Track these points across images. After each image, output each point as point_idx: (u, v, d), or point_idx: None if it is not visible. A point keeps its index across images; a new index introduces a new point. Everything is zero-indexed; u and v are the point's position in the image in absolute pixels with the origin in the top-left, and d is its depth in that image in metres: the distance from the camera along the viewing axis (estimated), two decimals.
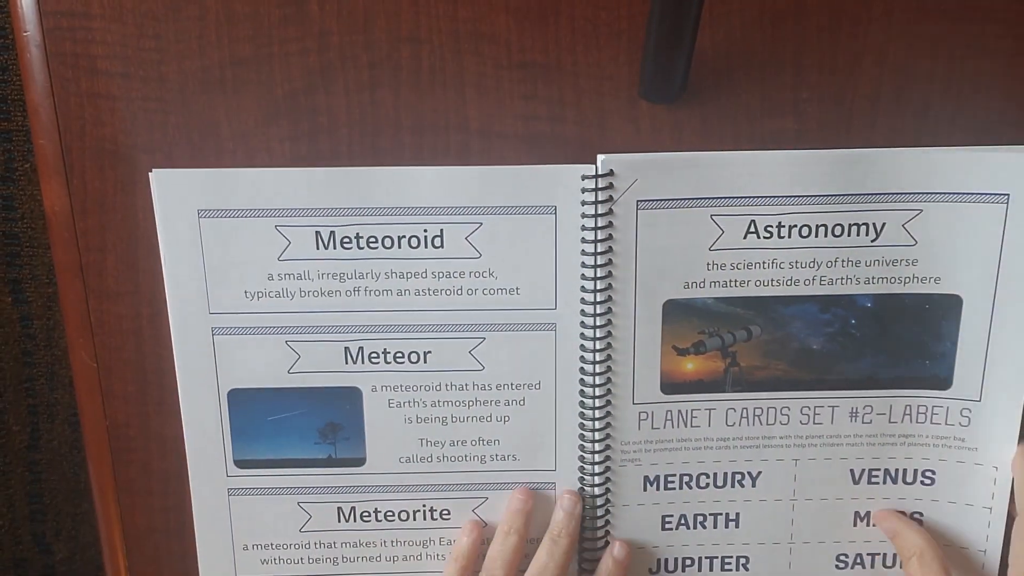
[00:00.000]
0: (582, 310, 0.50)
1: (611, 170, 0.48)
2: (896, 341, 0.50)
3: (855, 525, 0.53)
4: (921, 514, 0.53)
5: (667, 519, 0.53)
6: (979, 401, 0.51)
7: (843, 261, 0.49)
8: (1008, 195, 0.48)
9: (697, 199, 0.48)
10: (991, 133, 0.49)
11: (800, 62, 0.48)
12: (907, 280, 0.49)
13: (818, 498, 0.53)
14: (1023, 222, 0.48)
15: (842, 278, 0.49)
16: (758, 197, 0.48)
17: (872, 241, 0.49)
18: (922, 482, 0.52)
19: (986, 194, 0.48)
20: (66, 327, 0.51)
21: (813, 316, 0.50)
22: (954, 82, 0.49)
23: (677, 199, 0.48)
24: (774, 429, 0.52)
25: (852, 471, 0.52)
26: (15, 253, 0.78)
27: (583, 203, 0.48)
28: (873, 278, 0.49)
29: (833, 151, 0.48)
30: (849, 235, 0.49)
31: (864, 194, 0.48)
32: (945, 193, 0.48)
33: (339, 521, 0.53)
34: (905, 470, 0.52)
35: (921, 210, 0.48)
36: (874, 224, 0.48)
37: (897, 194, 0.48)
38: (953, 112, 0.49)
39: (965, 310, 0.50)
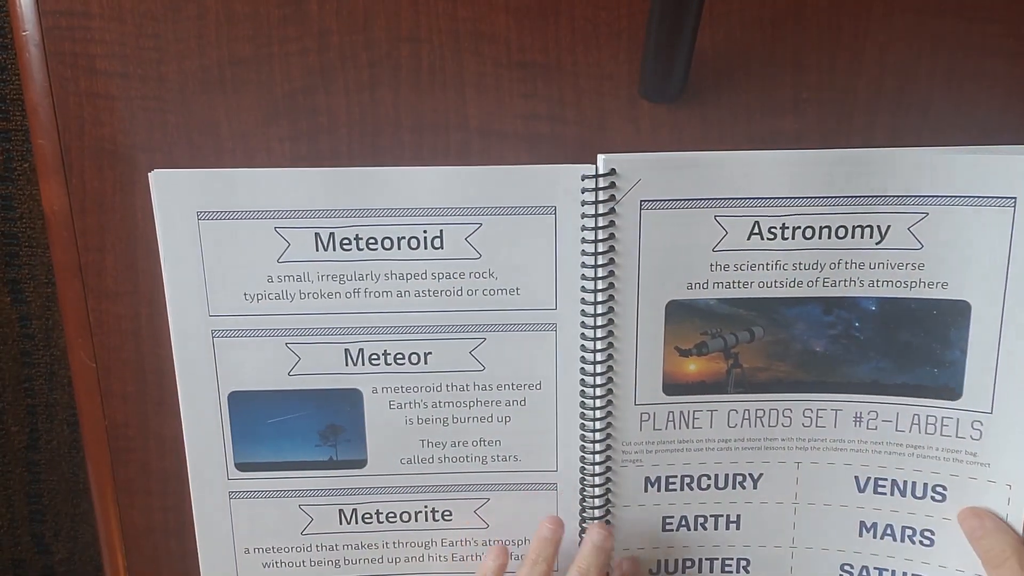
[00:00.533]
0: (583, 310, 0.50)
1: (612, 169, 0.47)
2: (902, 347, 0.50)
3: (861, 535, 0.53)
4: (933, 532, 0.52)
5: (668, 520, 0.53)
6: (990, 414, 0.49)
7: (847, 263, 0.49)
8: (1015, 198, 0.47)
9: (701, 200, 0.48)
10: (992, 133, 0.49)
11: (800, 62, 0.48)
12: (913, 284, 0.49)
13: (821, 503, 0.53)
14: None
15: (845, 280, 0.49)
16: (762, 198, 0.48)
17: (877, 244, 0.48)
18: (933, 498, 0.51)
19: (993, 197, 0.47)
20: (65, 327, 0.51)
21: (816, 318, 0.50)
22: (955, 82, 0.49)
23: (681, 199, 0.48)
24: (776, 431, 0.51)
25: (857, 478, 0.52)
26: (14, 253, 0.78)
27: (583, 203, 0.48)
28: (878, 281, 0.49)
29: (837, 151, 0.48)
30: (853, 237, 0.48)
31: (869, 196, 0.48)
32: (951, 196, 0.47)
33: (341, 523, 0.53)
34: (915, 483, 0.51)
35: (927, 213, 0.48)
36: (879, 227, 0.48)
37: (903, 196, 0.48)
38: (954, 112, 0.49)
39: (974, 317, 0.48)
